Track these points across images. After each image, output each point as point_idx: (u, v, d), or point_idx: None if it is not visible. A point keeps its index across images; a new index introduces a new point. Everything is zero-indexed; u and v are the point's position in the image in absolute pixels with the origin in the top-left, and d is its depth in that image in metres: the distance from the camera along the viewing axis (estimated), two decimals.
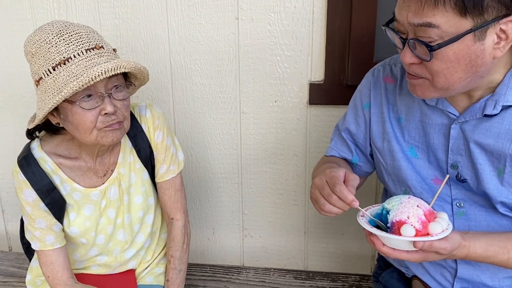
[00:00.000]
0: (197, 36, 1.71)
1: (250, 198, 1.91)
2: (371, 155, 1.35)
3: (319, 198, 1.09)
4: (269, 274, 1.85)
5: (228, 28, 1.69)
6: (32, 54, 1.23)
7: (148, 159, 1.46)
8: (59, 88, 1.17)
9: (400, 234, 0.99)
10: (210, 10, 1.67)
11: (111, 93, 1.23)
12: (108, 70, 1.16)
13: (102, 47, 1.22)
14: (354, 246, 1.90)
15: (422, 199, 1.19)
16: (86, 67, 1.17)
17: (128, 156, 1.44)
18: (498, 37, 0.95)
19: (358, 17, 1.58)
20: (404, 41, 1.01)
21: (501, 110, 1.06)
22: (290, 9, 1.63)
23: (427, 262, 1.24)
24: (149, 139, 1.44)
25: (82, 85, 1.15)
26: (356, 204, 1.03)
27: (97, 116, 1.22)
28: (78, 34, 1.21)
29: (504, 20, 0.93)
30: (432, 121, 1.17)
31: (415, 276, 1.33)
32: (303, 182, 1.84)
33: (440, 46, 0.96)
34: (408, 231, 0.98)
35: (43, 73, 1.20)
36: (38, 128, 1.36)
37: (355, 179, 1.08)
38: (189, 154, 1.87)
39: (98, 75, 1.15)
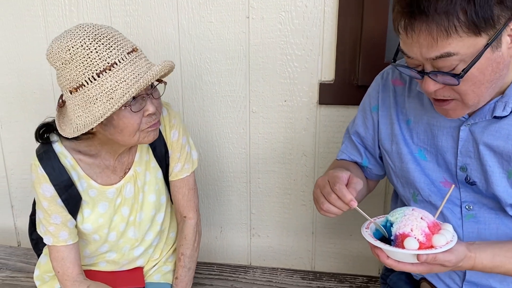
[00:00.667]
0: (208, 35, 1.71)
1: (258, 198, 1.90)
2: (381, 158, 1.34)
3: (319, 196, 1.09)
4: (276, 274, 1.84)
5: (239, 27, 1.68)
6: (66, 60, 1.17)
7: (163, 157, 1.46)
8: (109, 95, 1.16)
9: (403, 247, 0.98)
10: (221, 8, 1.67)
11: (152, 93, 1.24)
12: (157, 72, 1.18)
13: (137, 48, 1.23)
14: (362, 247, 1.89)
15: (430, 201, 1.19)
16: (133, 71, 1.17)
17: (145, 154, 1.44)
18: (511, 36, 0.95)
19: (369, 17, 1.57)
20: (422, 73, 1.00)
21: (511, 111, 1.05)
22: (301, 8, 1.62)
23: None
24: (165, 138, 1.45)
25: (140, 90, 1.17)
26: (354, 204, 1.03)
27: (141, 118, 1.24)
28: (114, 37, 1.19)
29: None
30: (441, 123, 1.16)
31: (423, 279, 1.33)
32: (312, 182, 1.83)
33: (466, 71, 0.94)
34: (411, 244, 0.98)
35: (86, 81, 1.17)
36: (50, 130, 1.35)
37: (358, 183, 1.08)
38: (198, 152, 1.86)
39: (151, 78, 1.17)
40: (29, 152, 1.35)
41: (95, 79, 1.16)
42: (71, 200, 1.35)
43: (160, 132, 1.43)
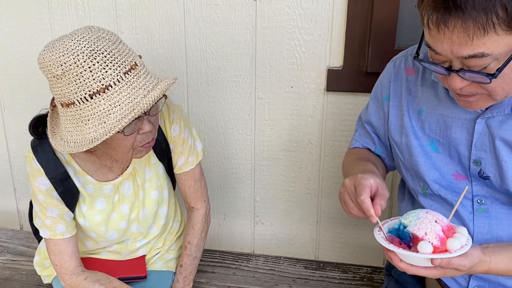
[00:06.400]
0: (213, 18, 1.67)
1: (262, 185, 1.87)
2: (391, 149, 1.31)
3: (348, 202, 1.09)
4: (279, 263, 1.83)
5: (246, 10, 1.64)
6: (57, 76, 1.10)
7: (163, 152, 1.43)
8: (101, 118, 1.10)
9: (417, 251, 0.97)
10: None
11: (148, 113, 1.18)
12: (155, 98, 1.11)
13: (136, 64, 1.14)
14: (366, 237, 1.86)
15: (440, 195, 1.16)
16: (128, 95, 1.10)
17: None
18: None
19: (380, 2, 1.52)
20: (449, 70, 0.95)
21: None
22: None
23: None
24: (164, 133, 1.41)
25: (133, 120, 1.11)
26: (374, 220, 1.03)
27: (135, 136, 1.19)
28: (110, 53, 1.10)
29: None
30: (455, 114, 1.12)
31: None
32: (317, 171, 1.80)
33: (500, 70, 0.90)
34: (425, 248, 0.96)
35: (78, 100, 1.10)
36: (44, 123, 1.27)
37: (384, 197, 1.06)
38: (202, 138, 1.84)
39: (149, 104, 1.11)
40: (31, 135, 1.32)
41: (87, 100, 1.09)
42: (68, 193, 1.32)
43: (159, 127, 1.38)
